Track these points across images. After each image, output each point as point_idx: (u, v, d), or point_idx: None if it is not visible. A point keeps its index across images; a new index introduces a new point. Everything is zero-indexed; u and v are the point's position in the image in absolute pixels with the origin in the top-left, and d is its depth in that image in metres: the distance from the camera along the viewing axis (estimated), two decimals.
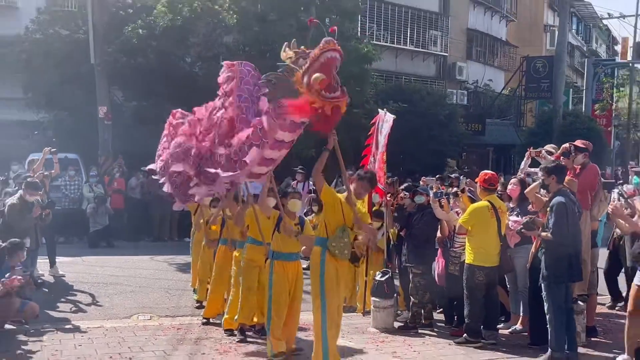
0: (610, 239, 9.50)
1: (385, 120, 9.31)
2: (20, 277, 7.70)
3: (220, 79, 6.53)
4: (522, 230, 7.35)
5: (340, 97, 5.67)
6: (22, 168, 15.71)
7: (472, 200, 8.04)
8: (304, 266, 11.88)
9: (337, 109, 5.68)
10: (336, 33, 6.11)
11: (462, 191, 8.54)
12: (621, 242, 9.18)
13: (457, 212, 8.34)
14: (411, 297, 8.45)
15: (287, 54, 6.04)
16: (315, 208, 11.42)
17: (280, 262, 6.94)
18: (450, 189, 9.35)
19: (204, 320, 8.43)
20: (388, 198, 9.23)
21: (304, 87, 5.63)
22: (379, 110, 9.75)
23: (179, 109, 8.62)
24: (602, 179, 9.02)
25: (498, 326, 8.07)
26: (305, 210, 12.24)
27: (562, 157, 8.28)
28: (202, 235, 9.33)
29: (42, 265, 11.41)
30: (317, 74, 5.54)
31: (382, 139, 9.16)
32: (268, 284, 6.93)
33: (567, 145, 8.33)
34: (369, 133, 9.61)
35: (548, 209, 6.97)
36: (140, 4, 19.24)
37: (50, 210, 10.08)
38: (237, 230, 7.82)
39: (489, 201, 7.61)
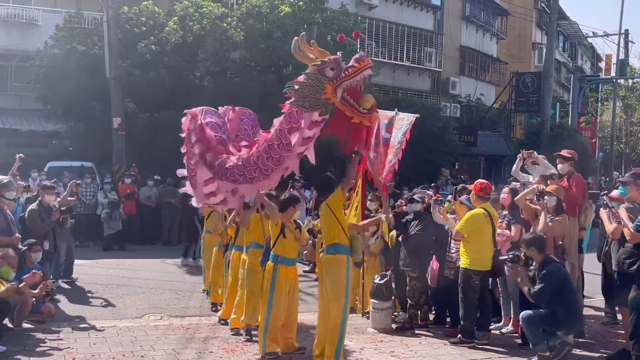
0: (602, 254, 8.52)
1: (402, 118, 9.20)
2: (40, 272, 7.71)
3: None
4: (508, 262, 7.24)
5: (373, 111, 5.72)
6: (41, 175, 15.74)
7: (468, 208, 8.01)
8: (306, 269, 11.97)
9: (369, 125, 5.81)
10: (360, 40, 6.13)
11: (455, 199, 8.52)
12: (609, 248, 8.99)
13: (455, 218, 8.32)
14: (408, 300, 8.43)
15: (308, 56, 5.88)
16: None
17: (283, 267, 6.90)
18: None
19: (222, 322, 8.30)
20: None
21: (336, 99, 5.59)
22: (377, 110, 9.57)
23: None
24: (586, 188, 8.97)
25: (490, 327, 8.04)
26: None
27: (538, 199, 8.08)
28: (214, 239, 9.27)
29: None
30: (367, 97, 5.59)
31: (401, 137, 9.06)
32: (270, 286, 6.85)
33: (541, 188, 8.06)
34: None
35: (538, 274, 6.85)
36: (153, 21, 19.28)
37: (69, 215, 10.09)
38: (250, 236, 7.73)
39: (484, 208, 7.59)
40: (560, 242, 7.72)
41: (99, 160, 18.47)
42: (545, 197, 7.66)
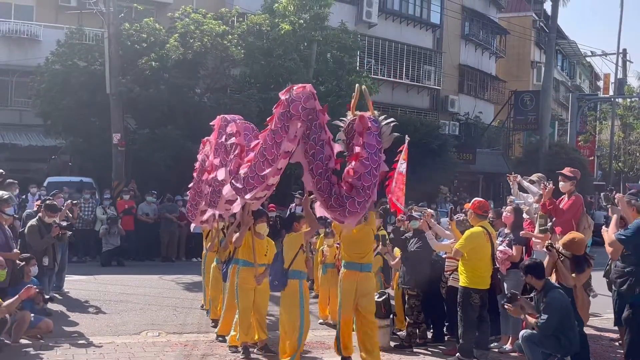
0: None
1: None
2: (36, 287, 7.77)
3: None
4: (504, 305, 7.12)
5: None
6: (41, 191, 15.75)
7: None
8: None
9: None
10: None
11: (451, 219, 8.54)
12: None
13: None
14: (406, 317, 8.43)
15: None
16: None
17: (305, 282, 7.16)
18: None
19: (220, 338, 8.28)
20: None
21: None
22: (406, 137, 9.82)
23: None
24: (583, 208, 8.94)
25: (489, 346, 8.02)
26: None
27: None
28: (214, 256, 9.26)
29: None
30: None
31: (402, 161, 9.27)
32: (300, 304, 6.97)
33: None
34: (395, 159, 9.68)
35: (541, 302, 6.76)
36: (154, 38, 19.40)
37: (68, 231, 10.10)
38: (240, 254, 7.81)
39: (482, 227, 7.60)
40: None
41: (98, 175, 18.48)
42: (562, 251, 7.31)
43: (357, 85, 6.88)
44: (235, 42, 19.44)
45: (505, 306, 7.00)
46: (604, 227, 7.56)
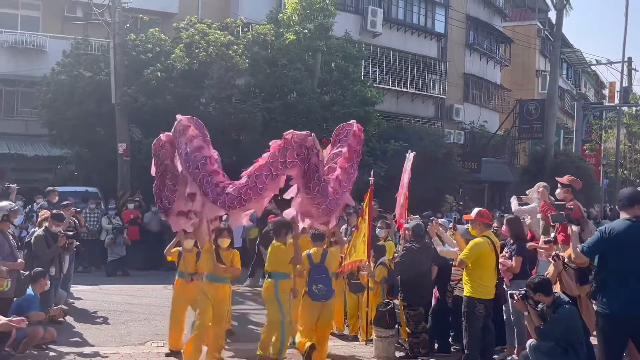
0: None
1: (408, 159, 9.53)
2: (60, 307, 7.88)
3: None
4: (514, 294, 7.11)
5: None
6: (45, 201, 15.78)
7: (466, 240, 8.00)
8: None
9: None
10: None
11: (455, 228, 8.54)
12: None
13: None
14: (407, 328, 8.44)
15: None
16: None
17: None
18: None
19: (167, 352, 8.23)
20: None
21: None
22: (410, 152, 9.89)
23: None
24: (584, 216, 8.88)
25: (494, 356, 8.00)
26: None
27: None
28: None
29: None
30: None
31: (406, 176, 9.38)
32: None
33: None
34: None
35: (549, 314, 6.75)
36: (159, 48, 19.49)
37: (74, 240, 10.14)
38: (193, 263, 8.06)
39: (486, 236, 7.58)
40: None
41: (103, 185, 18.53)
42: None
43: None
44: (240, 52, 19.52)
45: (514, 295, 6.96)
46: None
